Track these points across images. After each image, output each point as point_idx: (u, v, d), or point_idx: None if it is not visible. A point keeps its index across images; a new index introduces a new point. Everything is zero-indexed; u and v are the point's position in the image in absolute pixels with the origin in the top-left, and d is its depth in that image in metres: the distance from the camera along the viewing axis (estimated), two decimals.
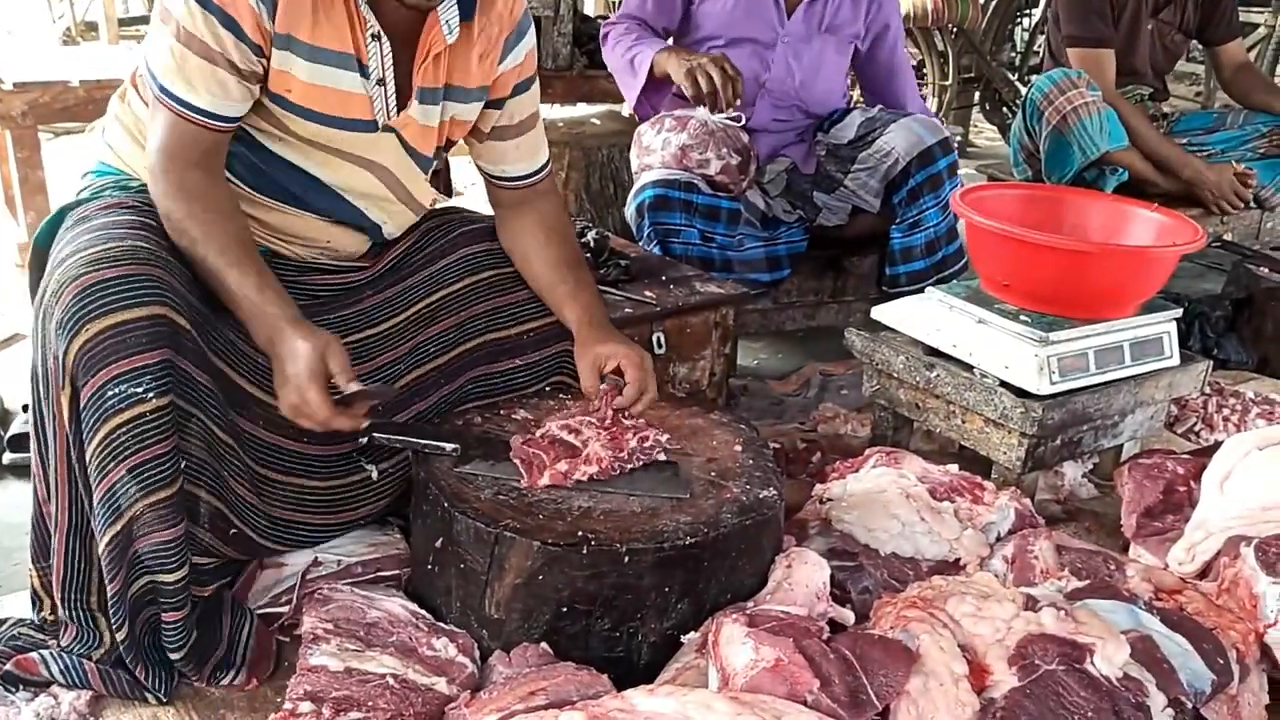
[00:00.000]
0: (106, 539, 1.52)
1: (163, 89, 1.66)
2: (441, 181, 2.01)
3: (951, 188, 2.99)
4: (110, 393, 1.48)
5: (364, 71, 1.74)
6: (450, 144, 1.97)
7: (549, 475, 1.70)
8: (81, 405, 1.49)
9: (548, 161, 2.07)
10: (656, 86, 3.05)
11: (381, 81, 1.77)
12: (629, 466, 1.74)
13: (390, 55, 1.76)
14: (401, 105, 1.81)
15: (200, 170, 1.68)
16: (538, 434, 1.79)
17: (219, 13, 1.61)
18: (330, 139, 1.77)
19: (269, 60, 1.68)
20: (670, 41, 3.14)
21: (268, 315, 1.65)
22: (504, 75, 1.92)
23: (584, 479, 1.71)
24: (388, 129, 1.81)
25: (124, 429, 1.49)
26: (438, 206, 2.01)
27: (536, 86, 2.02)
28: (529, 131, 2.02)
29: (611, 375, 1.85)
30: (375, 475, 1.85)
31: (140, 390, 1.49)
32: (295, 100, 1.72)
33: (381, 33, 1.73)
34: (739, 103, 2.90)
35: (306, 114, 1.74)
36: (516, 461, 1.73)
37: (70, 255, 1.55)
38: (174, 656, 1.59)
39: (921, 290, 2.43)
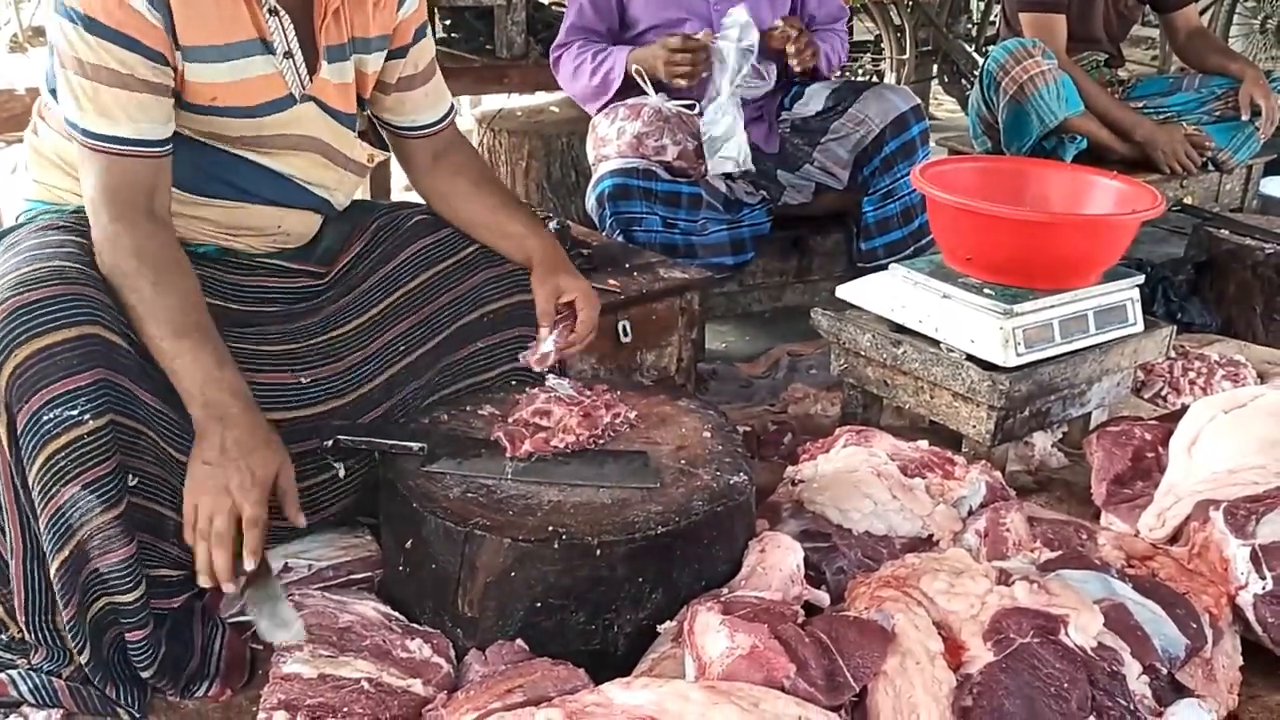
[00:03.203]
0: (57, 564, 1.50)
1: (85, 132, 1.60)
2: (372, 139, 1.98)
3: (924, 155, 3.00)
4: (46, 417, 1.45)
5: (269, 49, 1.72)
6: (361, 101, 1.93)
7: (530, 443, 1.72)
8: (18, 432, 1.46)
9: (453, 106, 2.07)
10: (620, 94, 3.03)
11: (288, 54, 1.74)
12: (601, 443, 1.77)
13: (291, 26, 1.73)
14: (312, 71, 1.79)
15: (153, 223, 1.64)
16: (510, 419, 1.81)
17: (115, 35, 1.57)
18: (259, 127, 1.75)
19: (179, 73, 1.65)
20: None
21: (225, 383, 1.56)
22: (405, 22, 1.91)
23: (562, 446, 1.73)
24: (306, 98, 1.79)
25: (63, 453, 1.46)
26: (373, 164, 1.98)
27: (429, 31, 2.01)
28: (434, 77, 2.02)
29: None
30: (342, 473, 1.83)
31: (76, 413, 1.45)
32: (221, 104, 1.70)
33: (278, 5, 1.71)
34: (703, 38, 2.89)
35: (233, 112, 1.71)
36: (500, 436, 1.74)
37: None
38: (144, 674, 1.57)
39: (899, 261, 2.42)
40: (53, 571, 1.50)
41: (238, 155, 1.77)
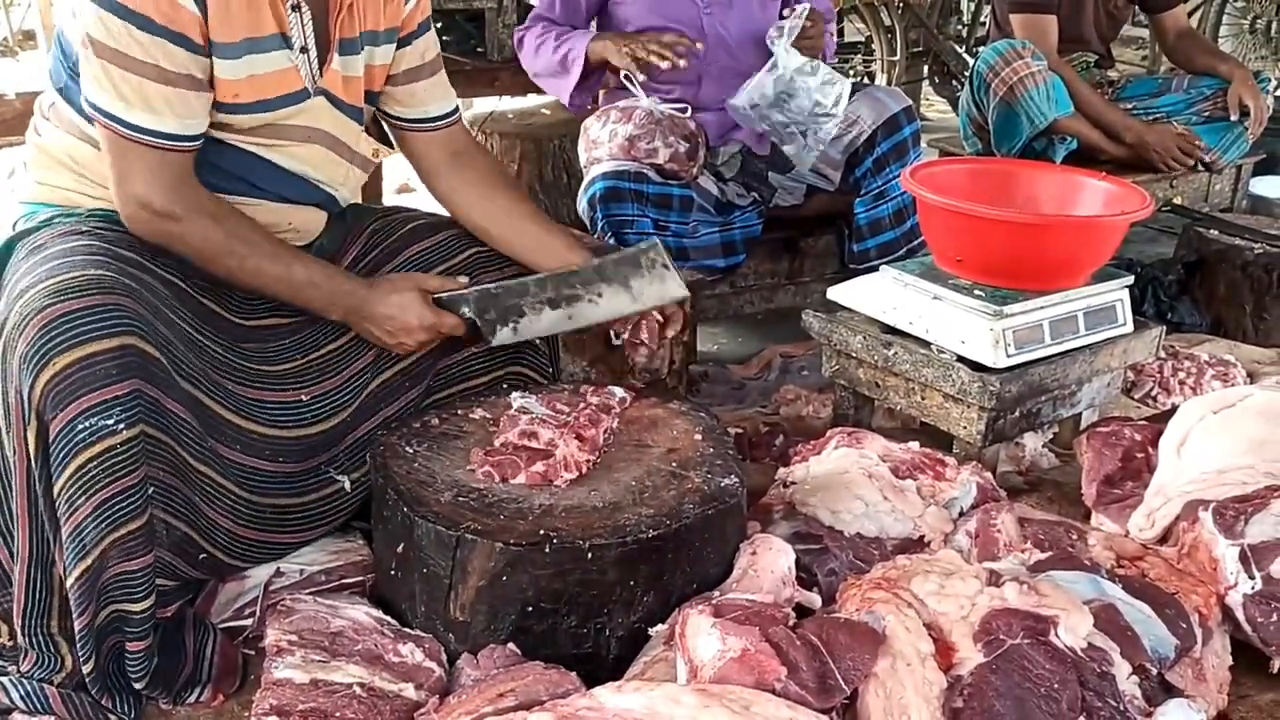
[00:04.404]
0: (76, 574, 1.50)
1: (129, 125, 1.63)
2: (375, 134, 2.00)
3: (915, 156, 3.01)
4: (80, 426, 1.46)
5: (287, 44, 1.74)
6: (371, 95, 1.94)
7: (525, 475, 1.69)
8: (50, 440, 1.47)
9: (458, 104, 2.09)
10: (588, 78, 3.01)
11: (304, 49, 1.76)
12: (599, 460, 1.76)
13: (310, 22, 1.75)
14: (322, 64, 1.80)
15: (201, 190, 1.70)
16: (496, 444, 1.77)
17: (166, 33, 1.60)
18: (274, 118, 1.77)
19: (211, 69, 1.67)
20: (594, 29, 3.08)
21: (341, 293, 1.80)
22: (411, 13, 1.93)
23: (563, 485, 1.69)
24: (319, 91, 1.81)
25: (94, 462, 1.47)
26: (378, 159, 1.99)
27: (432, 25, 2.03)
28: (439, 71, 2.03)
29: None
30: (348, 486, 1.84)
31: (111, 422, 1.47)
32: (242, 100, 1.72)
33: (301, 2, 1.73)
34: (698, 47, 2.88)
35: (253, 108, 1.74)
36: (489, 469, 1.70)
37: (31, 287, 1.52)
38: (137, 685, 1.58)
39: (891, 263, 2.42)
40: (71, 580, 1.51)
41: (248, 150, 1.78)
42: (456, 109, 2.07)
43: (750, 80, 2.91)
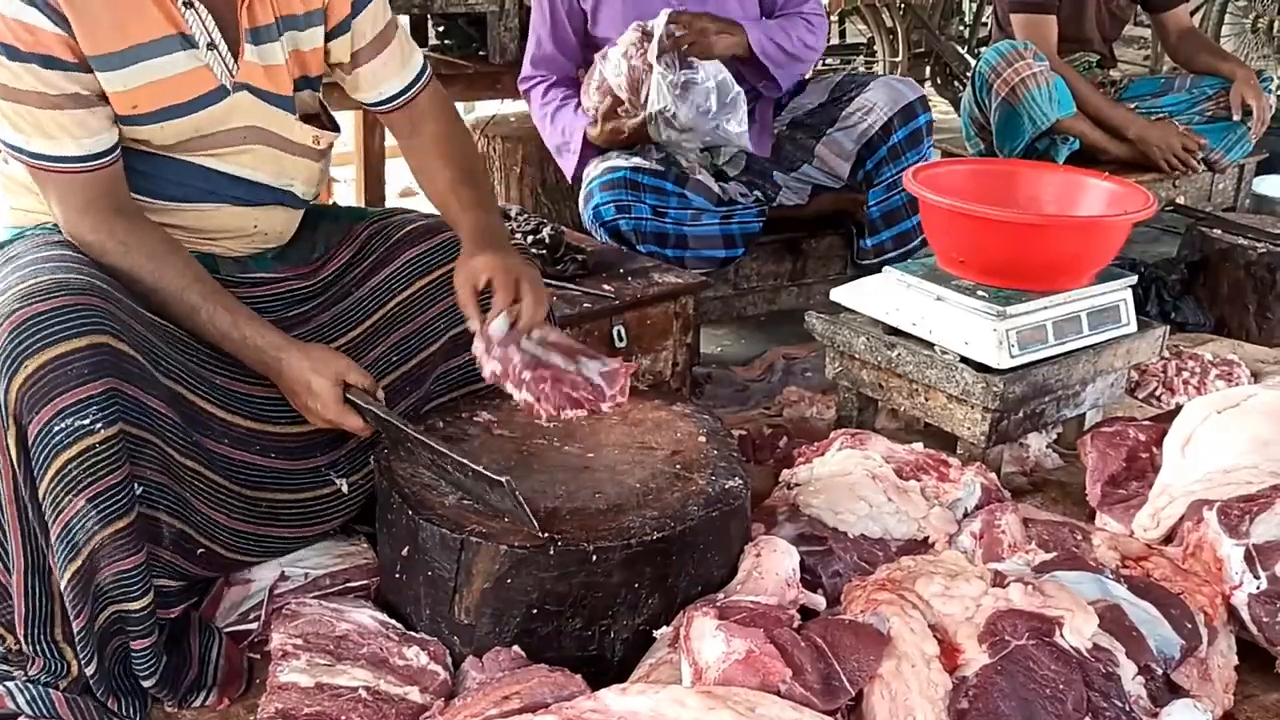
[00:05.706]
0: (68, 575, 1.50)
1: (32, 154, 1.62)
2: (325, 119, 1.93)
3: (929, 145, 3.01)
4: (57, 428, 1.46)
5: (190, 43, 1.69)
6: (309, 80, 1.88)
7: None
8: (29, 443, 1.47)
9: (424, 66, 1.99)
10: (587, 153, 3.02)
11: (211, 45, 1.71)
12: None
13: (210, 16, 1.70)
14: (235, 57, 1.74)
15: (120, 217, 1.66)
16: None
17: (34, 58, 1.57)
18: (196, 127, 1.73)
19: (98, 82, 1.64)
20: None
21: (253, 350, 1.69)
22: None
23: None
24: (239, 87, 1.75)
25: (75, 463, 1.47)
26: (323, 145, 1.92)
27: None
28: (391, 43, 1.92)
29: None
30: (345, 489, 1.84)
31: (87, 422, 1.46)
32: (143, 111, 1.68)
33: None
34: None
35: (158, 117, 1.69)
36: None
37: (2, 294, 1.52)
38: (146, 684, 1.58)
39: (899, 259, 2.42)
40: (64, 582, 1.50)
41: (194, 162, 1.75)
42: (417, 76, 1.96)
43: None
